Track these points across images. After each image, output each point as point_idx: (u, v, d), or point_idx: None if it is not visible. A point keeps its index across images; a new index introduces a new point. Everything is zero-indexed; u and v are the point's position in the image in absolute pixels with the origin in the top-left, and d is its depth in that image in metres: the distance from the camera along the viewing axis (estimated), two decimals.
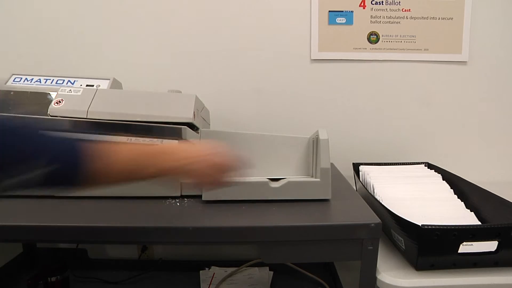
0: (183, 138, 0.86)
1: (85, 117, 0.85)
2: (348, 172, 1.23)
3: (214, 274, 1.21)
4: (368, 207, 0.84)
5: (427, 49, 1.31)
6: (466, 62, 1.32)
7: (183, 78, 1.32)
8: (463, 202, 0.97)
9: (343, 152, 1.32)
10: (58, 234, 0.75)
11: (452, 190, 1.01)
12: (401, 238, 0.81)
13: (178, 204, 0.86)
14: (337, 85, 1.33)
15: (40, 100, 1.01)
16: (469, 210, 0.93)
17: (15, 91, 1.02)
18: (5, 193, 0.58)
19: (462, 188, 1.00)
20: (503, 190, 0.92)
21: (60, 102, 0.87)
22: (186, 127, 0.86)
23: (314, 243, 0.76)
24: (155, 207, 0.84)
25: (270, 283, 1.16)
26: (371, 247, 0.75)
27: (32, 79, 1.06)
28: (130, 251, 1.39)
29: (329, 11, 1.28)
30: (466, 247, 0.76)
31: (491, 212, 0.89)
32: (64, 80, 1.06)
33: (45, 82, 1.05)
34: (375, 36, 1.29)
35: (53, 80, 1.06)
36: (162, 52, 1.31)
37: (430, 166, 1.21)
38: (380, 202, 0.87)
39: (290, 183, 0.86)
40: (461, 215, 0.91)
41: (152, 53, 1.31)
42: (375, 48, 1.30)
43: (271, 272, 1.21)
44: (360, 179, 1.12)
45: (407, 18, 1.29)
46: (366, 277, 0.77)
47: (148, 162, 0.62)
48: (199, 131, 0.95)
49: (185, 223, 0.75)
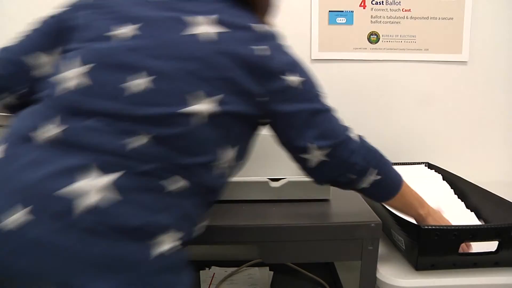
0: None
1: None
2: None
3: (214, 274, 1.21)
4: (368, 207, 0.84)
5: (427, 49, 1.30)
6: (466, 62, 1.32)
7: None
8: (463, 202, 0.97)
9: None
10: None
11: (452, 190, 1.01)
12: (401, 238, 0.81)
13: None
14: (337, 85, 1.33)
15: None
16: (469, 210, 0.93)
17: None
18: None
19: (462, 188, 1.00)
20: (503, 190, 0.92)
21: None
22: None
23: (314, 243, 0.76)
24: None
25: (270, 283, 1.16)
26: (371, 247, 0.75)
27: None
28: None
29: (329, 11, 1.28)
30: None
31: (491, 212, 0.89)
32: None
33: None
34: (375, 36, 1.29)
35: None
36: None
37: (430, 166, 1.21)
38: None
39: (290, 183, 0.86)
40: (460, 215, 0.91)
41: None
42: (376, 48, 1.30)
43: (271, 272, 1.21)
44: None
45: (407, 18, 1.28)
46: (366, 277, 0.77)
47: None
48: None
49: None
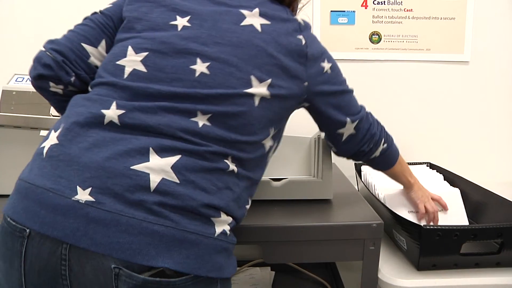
0: None
1: None
2: (350, 172, 1.23)
3: None
4: (370, 207, 0.83)
5: (429, 49, 1.30)
6: (468, 62, 1.31)
7: None
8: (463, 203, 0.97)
9: None
10: None
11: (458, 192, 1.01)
12: (403, 238, 0.81)
13: None
14: None
15: (42, 100, 1.01)
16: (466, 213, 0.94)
17: (17, 91, 1.02)
18: None
19: (463, 188, 1.00)
20: (504, 190, 0.92)
21: None
22: None
23: (316, 243, 0.76)
24: None
25: (271, 283, 1.16)
26: (373, 247, 0.75)
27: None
28: None
29: (331, 11, 1.28)
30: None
31: (493, 212, 0.89)
32: None
33: None
34: (377, 36, 1.29)
35: None
36: None
37: (432, 166, 1.20)
38: (382, 202, 0.87)
39: (292, 183, 0.86)
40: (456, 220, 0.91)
41: None
42: (377, 48, 1.30)
43: (273, 272, 1.21)
44: (362, 179, 1.12)
45: (409, 18, 1.28)
46: (368, 277, 0.77)
47: None
48: None
49: None
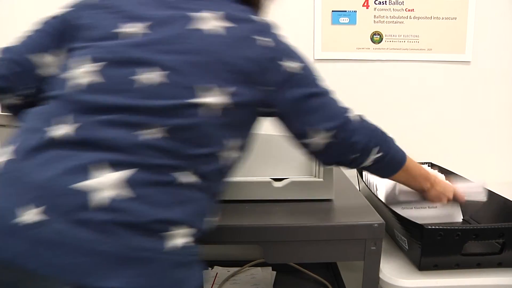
0: None
1: None
2: (351, 172, 1.22)
3: (217, 274, 1.21)
4: (371, 207, 0.83)
5: (430, 49, 1.30)
6: (469, 62, 1.31)
7: None
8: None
9: None
10: None
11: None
12: (404, 238, 0.81)
13: None
14: (340, 85, 1.32)
15: None
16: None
17: None
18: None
19: None
20: (506, 190, 0.92)
21: None
22: None
23: (317, 243, 0.76)
24: None
25: (273, 283, 1.16)
26: (374, 247, 0.75)
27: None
28: None
29: (332, 11, 1.28)
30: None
31: (494, 212, 0.89)
32: None
33: None
34: (379, 36, 1.29)
35: None
36: None
37: (433, 166, 1.20)
38: (383, 202, 0.87)
39: (293, 183, 0.86)
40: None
41: None
42: (379, 48, 1.30)
43: (274, 272, 1.21)
44: (363, 179, 1.12)
45: (410, 18, 1.28)
46: (369, 277, 0.77)
47: None
48: None
49: None
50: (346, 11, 1.28)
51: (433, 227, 0.72)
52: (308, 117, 0.66)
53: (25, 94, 0.65)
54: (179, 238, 0.53)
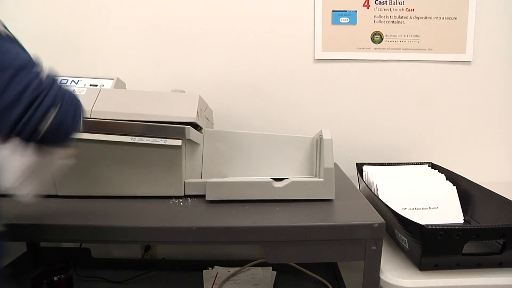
0: (187, 137, 0.86)
1: (88, 116, 0.85)
2: (352, 172, 1.23)
3: (217, 273, 1.22)
4: (372, 207, 0.83)
5: (431, 49, 1.30)
6: (470, 62, 1.31)
7: (186, 78, 1.32)
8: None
9: (347, 152, 1.33)
10: (62, 234, 0.76)
11: (454, 190, 1.01)
12: (404, 238, 0.81)
13: (182, 203, 0.86)
14: (340, 85, 1.33)
15: None
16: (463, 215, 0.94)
17: None
18: None
19: (465, 188, 1.00)
20: (507, 190, 0.92)
21: None
22: (189, 126, 0.86)
23: (318, 243, 0.76)
24: (158, 207, 0.84)
25: (273, 283, 1.16)
26: (375, 247, 0.75)
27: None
28: (133, 251, 1.40)
29: (332, 11, 1.28)
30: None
31: (495, 212, 0.89)
32: (67, 80, 1.06)
33: None
34: (379, 36, 1.29)
35: None
36: (166, 52, 1.31)
37: (433, 166, 1.20)
38: (384, 202, 0.87)
39: (294, 183, 0.86)
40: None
41: (155, 53, 1.31)
42: (379, 48, 1.30)
43: (274, 272, 1.21)
44: (364, 179, 1.12)
45: (411, 17, 1.28)
46: (370, 277, 0.77)
47: None
48: (203, 130, 0.95)
49: (188, 223, 0.75)
50: (346, 11, 1.28)
51: (433, 227, 0.72)
52: None
53: None
54: None
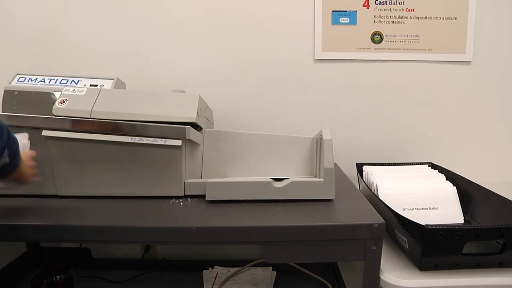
0: (187, 138, 0.86)
1: (89, 116, 0.85)
2: (352, 172, 1.23)
3: (217, 274, 1.22)
4: (372, 207, 0.83)
5: (431, 49, 1.30)
6: (470, 62, 1.31)
7: (186, 78, 1.32)
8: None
9: (347, 152, 1.32)
10: (62, 234, 0.75)
11: (455, 190, 1.01)
12: (404, 238, 0.81)
13: (182, 203, 0.86)
14: (340, 85, 1.33)
15: (44, 99, 1.01)
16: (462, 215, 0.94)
17: (19, 91, 1.02)
18: None
19: (465, 188, 1.00)
20: (507, 190, 0.92)
21: (64, 102, 0.87)
22: (189, 127, 0.86)
23: (318, 243, 0.76)
24: (158, 207, 0.84)
25: (273, 283, 1.16)
26: (375, 247, 0.75)
27: (36, 79, 1.06)
28: (133, 251, 1.40)
29: (332, 11, 1.28)
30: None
31: (495, 212, 0.89)
32: (68, 80, 1.07)
33: (49, 82, 1.05)
34: (379, 36, 1.29)
35: (57, 80, 1.06)
36: (166, 52, 1.31)
37: (433, 166, 1.20)
38: (384, 202, 0.87)
39: (294, 183, 0.86)
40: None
41: (155, 53, 1.31)
42: (379, 48, 1.30)
43: (274, 272, 1.21)
44: (364, 179, 1.12)
45: (411, 18, 1.28)
46: (370, 277, 0.76)
47: None
48: (203, 131, 0.95)
49: (188, 223, 0.75)
50: (346, 11, 1.28)
51: (433, 227, 0.72)
52: None
53: None
54: None
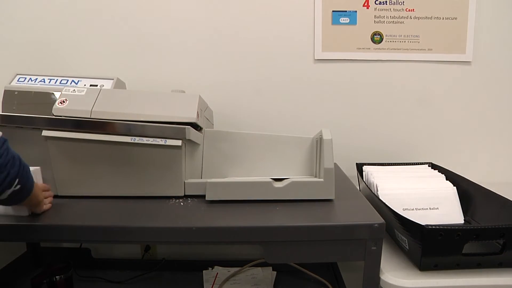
0: (187, 138, 0.86)
1: (89, 117, 0.85)
2: (352, 172, 1.23)
3: (217, 274, 1.22)
4: (372, 207, 0.83)
5: (431, 49, 1.30)
6: (470, 62, 1.31)
7: (186, 78, 1.32)
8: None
9: (347, 152, 1.33)
10: (62, 234, 0.75)
11: (455, 190, 1.01)
12: (404, 239, 0.81)
13: (182, 204, 0.86)
14: (340, 85, 1.33)
15: (44, 100, 1.01)
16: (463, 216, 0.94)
17: (19, 91, 1.02)
18: None
19: (465, 188, 1.00)
20: (507, 190, 0.92)
21: (64, 102, 0.87)
22: (189, 127, 0.86)
23: (318, 243, 0.76)
24: (158, 207, 0.84)
25: (273, 283, 1.16)
26: (375, 248, 0.75)
27: (36, 79, 1.06)
28: (133, 251, 1.40)
29: (332, 11, 1.28)
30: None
31: (495, 212, 0.89)
32: (68, 80, 1.07)
33: (49, 82, 1.05)
34: (379, 36, 1.29)
35: (57, 80, 1.06)
36: (166, 52, 1.31)
37: (433, 166, 1.20)
38: (384, 202, 0.87)
39: (294, 183, 0.86)
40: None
41: (155, 53, 1.31)
42: (379, 48, 1.30)
43: (274, 272, 1.21)
44: (364, 179, 1.12)
45: (411, 18, 1.28)
46: (370, 277, 0.76)
47: None
48: (203, 131, 0.95)
49: (188, 223, 0.75)
50: (346, 11, 1.28)
51: (433, 227, 0.72)
52: None
53: None
54: None
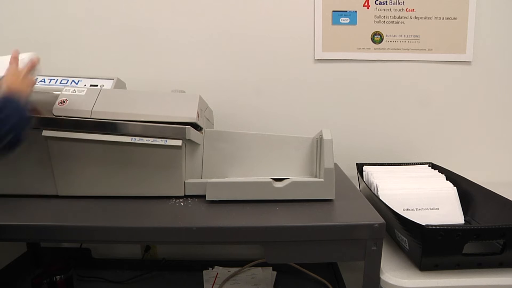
0: (187, 138, 0.86)
1: (89, 117, 0.85)
2: (352, 172, 1.23)
3: (218, 274, 1.22)
4: (372, 207, 0.83)
5: (431, 49, 1.30)
6: (470, 62, 1.31)
7: (186, 78, 1.32)
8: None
9: (347, 152, 1.32)
10: (62, 234, 0.76)
11: (455, 191, 1.01)
12: (405, 239, 0.81)
13: (182, 204, 0.86)
14: (341, 85, 1.33)
15: (45, 99, 1.01)
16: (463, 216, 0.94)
17: None
18: None
19: (466, 188, 1.00)
20: (507, 190, 0.92)
21: (64, 102, 0.87)
22: (189, 127, 0.86)
23: (318, 243, 0.76)
24: (159, 207, 0.84)
25: (273, 283, 1.16)
26: (375, 248, 0.75)
27: (36, 79, 1.06)
28: (133, 251, 1.40)
29: (332, 11, 1.28)
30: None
31: (495, 212, 0.89)
32: (68, 80, 1.06)
33: (49, 82, 1.05)
34: (379, 36, 1.29)
35: (57, 80, 1.06)
36: (166, 52, 1.31)
37: (434, 167, 1.20)
38: (384, 202, 0.87)
39: (294, 183, 0.86)
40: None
41: (155, 53, 1.31)
42: (379, 48, 1.30)
43: (275, 272, 1.21)
44: (364, 179, 1.12)
45: (411, 18, 1.28)
46: (370, 277, 0.76)
47: None
48: (203, 131, 0.95)
49: (189, 223, 0.75)
50: (346, 11, 1.28)
51: (433, 227, 0.72)
52: None
53: None
54: None
